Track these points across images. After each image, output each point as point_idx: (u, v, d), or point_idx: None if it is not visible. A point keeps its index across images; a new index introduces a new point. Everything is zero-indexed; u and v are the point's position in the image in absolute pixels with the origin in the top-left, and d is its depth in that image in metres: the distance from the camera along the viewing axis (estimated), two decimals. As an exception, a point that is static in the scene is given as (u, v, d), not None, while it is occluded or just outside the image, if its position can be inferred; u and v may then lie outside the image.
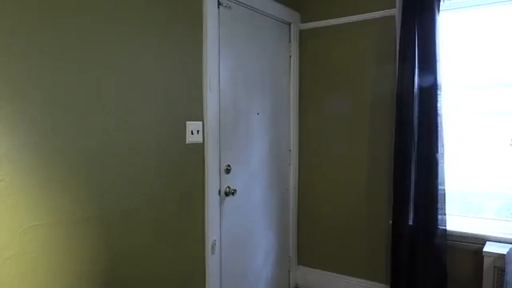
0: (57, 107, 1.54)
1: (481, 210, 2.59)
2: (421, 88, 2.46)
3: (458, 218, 2.49)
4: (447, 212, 2.42)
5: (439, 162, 2.40)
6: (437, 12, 2.40)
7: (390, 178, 2.65)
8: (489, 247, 2.28)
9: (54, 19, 1.52)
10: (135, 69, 1.84)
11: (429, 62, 2.41)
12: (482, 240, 2.38)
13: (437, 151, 2.39)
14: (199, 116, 2.19)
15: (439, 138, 2.39)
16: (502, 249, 2.23)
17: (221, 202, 2.36)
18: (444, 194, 2.41)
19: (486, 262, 2.24)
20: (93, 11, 1.65)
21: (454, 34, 2.54)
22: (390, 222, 2.61)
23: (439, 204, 2.41)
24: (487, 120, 2.52)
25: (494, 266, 2.21)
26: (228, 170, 2.40)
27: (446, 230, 2.41)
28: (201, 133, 2.19)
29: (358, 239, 2.88)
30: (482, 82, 2.50)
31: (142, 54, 1.87)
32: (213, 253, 2.28)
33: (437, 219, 2.41)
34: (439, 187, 2.40)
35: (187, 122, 2.12)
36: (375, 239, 2.80)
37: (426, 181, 2.43)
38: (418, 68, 2.47)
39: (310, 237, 3.10)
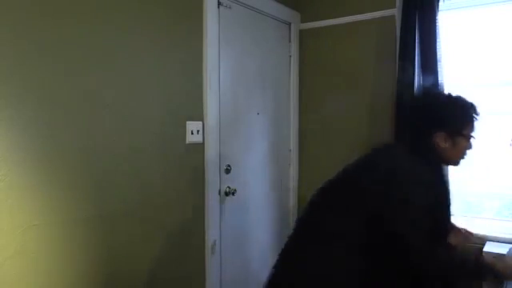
0: (56, 107, 1.54)
1: (481, 210, 2.58)
2: (422, 88, 2.45)
3: (457, 218, 2.48)
4: (447, 212, 2.41)
5: None
6: (437, 11, 2.39)
7: (390, 177, 2.64)
8: (489, 247, 2.27)
9: (53, 20, 1.52)
10: (135, 69, 1.84)
11: (430, 62, 2.40)
12: (481, 240, 2.37)
13: None
14: (199, 116, 2.19)
15: None
16: (501, 249, 2.22)
17: (221, 202, 2.35)
18: None
19: (486, 261, 2.24)
20: (91, 11, 1.65)
21: (454, 33, 2.54)
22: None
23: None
24: (487, 120, 2.51)
25: (494, 266, 2.21)
26: (228, 170, 2.39)
27: None
28: (201, 133, 2.19)
29: (358, 239, 2.87)
30: (482, 81, 2.50)
31: (142, 54, 1.87)
32: (213, 253, 2.28)
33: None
34: None
35: (187, 122, 2.11)
36: (375, 239, 2.80)
37: None
38: (419, 68, 2.46)
39: (309, 237, 3.09)
